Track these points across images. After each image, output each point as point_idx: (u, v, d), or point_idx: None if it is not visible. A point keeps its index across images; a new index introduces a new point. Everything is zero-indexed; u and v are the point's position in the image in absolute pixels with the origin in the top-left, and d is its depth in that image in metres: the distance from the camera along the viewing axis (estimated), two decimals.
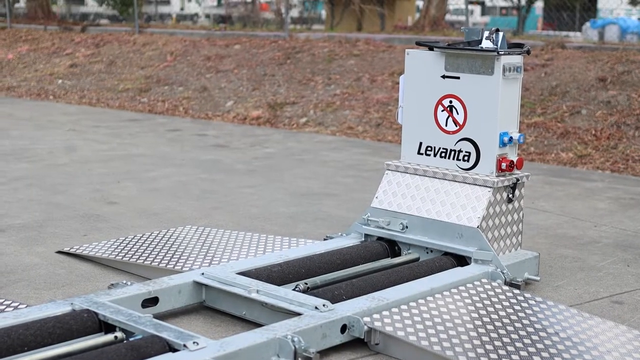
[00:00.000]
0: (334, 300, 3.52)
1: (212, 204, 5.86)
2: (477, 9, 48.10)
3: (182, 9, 50.68)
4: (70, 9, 35.90)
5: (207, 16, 42.63)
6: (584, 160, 8.06)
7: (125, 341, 3.07)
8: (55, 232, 5.03)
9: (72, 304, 3.33)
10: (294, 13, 27.21)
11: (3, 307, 3.44)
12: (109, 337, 3.10)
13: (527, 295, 3.76)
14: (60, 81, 13.43)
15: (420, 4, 23.06)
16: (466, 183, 4.18)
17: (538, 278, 4.18)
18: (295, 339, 3.07)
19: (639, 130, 8.46)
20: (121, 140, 8.67)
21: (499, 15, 49.09)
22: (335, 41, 12.94)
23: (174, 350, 2.97)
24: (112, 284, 3.65)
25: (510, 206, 4.21)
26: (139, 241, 4.61)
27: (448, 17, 24.85)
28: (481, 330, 3.35)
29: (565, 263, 4.65)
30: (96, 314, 3.24)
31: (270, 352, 3.07)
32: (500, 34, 4.14)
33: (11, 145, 8.20)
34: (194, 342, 2.97)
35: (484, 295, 3.72)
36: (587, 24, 33.57)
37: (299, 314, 3.33)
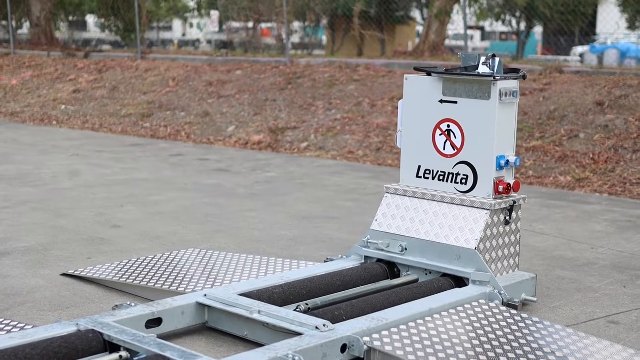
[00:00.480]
0: (335, 320, 3.59)
1: (215, 228, 5.94)
2: (477, 34, 48.38)
3: (183, 34, 50.99)
4: (73, 35, 36.11)
5: (209, 42, 42.85)
6: (582, 183, 8.13)
7: None
8: (59, 255, 5.10)
9: (77, 324, 3.40)
10: (295, 39, 27.36)
11: (9, 327, 3.52)
12: (114, 356, 3.17)
13: (524, 315, 3.83)
14: (63, 107, 13.55)
15: (421, 29, 23.25)
16: (464, 205, 4.26)
17: (535, 299, 4.24)
18: (297, 358, 3.14)
19: (637, 154, 8.55)
20: (124, 165, 8.76)
21: (499, 40, 49.39)
22: (335, 66, 13.07)
23: None
24: (117, 305, 3.72)
25: (507, 228, 4.29)
26: (143, 264, 4.68)
27: (448, 42, 25.05)
28: (479, 350, 3.41)
29: (562, 284, 4.72)
30: (101, 334, 3.30)
31: None
32: (497, 59, 4.23)
33: (15, 170, 8.29)
34: (199, 356, 3.03)
35: (482, 316, 3.78)
36: (576, 49, 33.80)
37: (300, 334, 3.40)
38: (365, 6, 23.20)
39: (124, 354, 3.18)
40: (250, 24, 25.35)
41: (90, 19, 46.81)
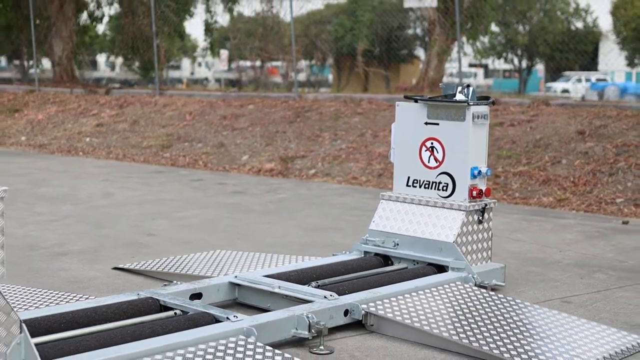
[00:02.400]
0: (339, 293, 4.53)
1: (235, 236, 6.90)
2: (480, 71, 49.40)
3: (192, 73, 52.17)
4: (84, 74, 37.32)
5: (218, 80, 44.01)
6: (562, 203, 9.07)
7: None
8: (107, 255, 6.06)
9: (138, 294, 4.35)
10: (301, 77, 28.48)
11: (84, 297, 4.47)
12: (170, 313, 4.12)
13: (491, 292, 4.77)
14: (88, 139, 14.58)
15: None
16: (444, 208, 5.22)
17: (503, 284, 5.19)
18: (310, 316, 4.08)
19: (612, 177, 9.50)
20: (151, 188, 9.75)
21: (502, 77, 50.47)
22: (341, 101, 14.09)
23: (219, 322, 3.98)
24: (165, 284, 4.67)
25: (480, 226, 5.24)
26: (180, 259, 5.64)
27: (451, 79, 26.07)
28: (453, 314, 4.35)
29: (529, 276, 5.66)
30: (157, 300, 4.26)
31: (290, 326, 4.07)
32: (471, 88, 5.22)
33: (55, 191, 9.27)
34: (234, 316, 3.98)
35: (457, 293, 4.73)
36: (556, 85, 34.85)
37: (311, 302, 4.34)
38: (369, 45, 24.28)
39: (178, 311, 4.13)
40: (259, 63, 26.49)
41: (101, 59, 48.14)
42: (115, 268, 5.66)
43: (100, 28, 27.16)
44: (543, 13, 41.24)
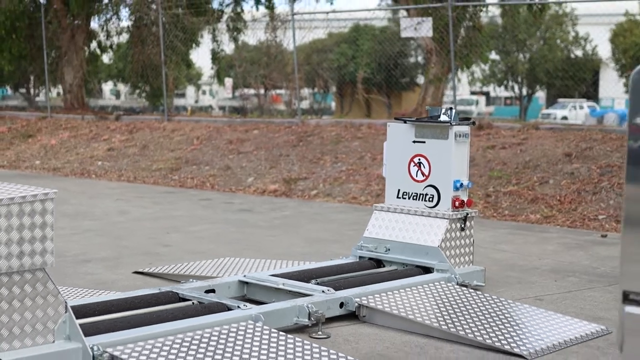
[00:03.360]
0: (336, 289, 5.15)
1: (243, 247, 7.53)
2: (482, 99, 50.08)
3: (196, 101, 52.94)
4: (89, 102, 38.09)
5: (222, 108, 44.76)
6: (548, 220, 9.69)
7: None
8: (127, 262, 6.70)
9: (159, 289, 4.98)
10: (304, 105, 29.19)
11: (113, 292, 5.11)
12: (188, 303, 4.75)
13: (472, 290, 5.39)
14: (100, 163, 15.25)
15: None
16: (430, 216, 5.85)
17: (483, 284, 5.81)
18: (310, 306, 4.71)
19: (595, 195, 10.13)
20: (162, 207, 10.39)
21: (504, 105, 51.19)
22: (341, 126, 14.77)
23: (231, 309, 4.60)
24: (181, 282, 5.30)
25: (462, 233, 5.87)
26: (194, 264, 6.28)
27: (450, 105, 26.68)
28: (435, 307, 4.97)
29: (508, 280, 6.28)
30: (177, 292, 4.89)
31: (293, 315, 4.70)
32: (453, 111, 5.87)
33: (73, 209, 9.92)
34: (244, 305, 4.61)
35: (440, 290, 5.35)
36: (551, 111, 35.52)
37: (311, 295, 4.97)
38: (369, 73, 24.97)
39: (195, 302, 4.76)
40: (262, 90, 27.23)
41: (106, 87, 49.00)
42: (136, 272, 6.29)
43: (105, 57, 27.93)
44: (543, 41, 41.98)
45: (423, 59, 33.32)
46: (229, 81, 34.14)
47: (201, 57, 23.61)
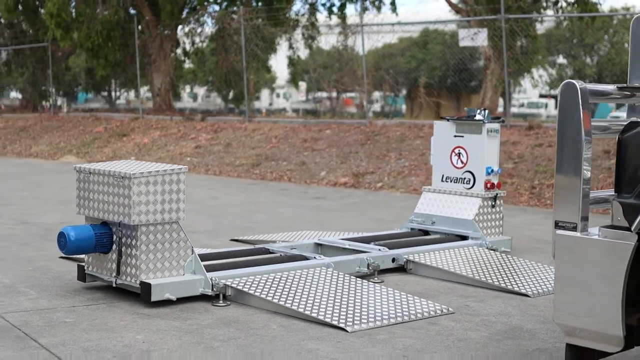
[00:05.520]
0: (390, 248, 6.68)
1: (318, 224, 9.10)
2: (551, 102, 50.74)
3: (270, 104, 54.78)
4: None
5: (295, 110, 46.43)
6: None
7: None
8: (225, 233, 8.34)
9: (254, 246, 6.58)
10: (376, 107, 30.62)
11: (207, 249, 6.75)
12: (276, 255, 6.34)
13: (498, 253, 6.86)
14: (188, 158, 17.03)
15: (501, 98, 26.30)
16: (467, 196, 7.33)
17: (509, 250, 7.26)
18: (368, 259, 6.25)
19: None
20: (247, 194, 12.05)
21: None
22: (406, 126, 16.26)
23: (309, 260, 6.17)
24: (272, 242, 6.89)
25: (493, 209, 7.33)
26: (279, 234, 7.88)
27: (516, 110, 27.80)
28: (467, 262, 6.46)
29: (532, 250, 7.71)
30: (268, 249, 6.49)
31: (355, 265, 6.24)
32: (486, 111, 7.34)
33: None
34: (319, 256, 6.18)
35: (472, 251, 6.83)
36: (619, 114, 36.09)
37: (370, 252, 6.51)
38: (432, 78, 26.25)
39: (282, 254, 6.34)
40: (335, 94, 28.80)
41: (183, 91, 51.23)
42: (232, 240, 7.92)
43: (185, 63, 29.96)
44: (610, 45, 42.55)
45: (483, 65, 34.46)
46: (303, 84, 35.73)
47: (277, 62, 25.34)
